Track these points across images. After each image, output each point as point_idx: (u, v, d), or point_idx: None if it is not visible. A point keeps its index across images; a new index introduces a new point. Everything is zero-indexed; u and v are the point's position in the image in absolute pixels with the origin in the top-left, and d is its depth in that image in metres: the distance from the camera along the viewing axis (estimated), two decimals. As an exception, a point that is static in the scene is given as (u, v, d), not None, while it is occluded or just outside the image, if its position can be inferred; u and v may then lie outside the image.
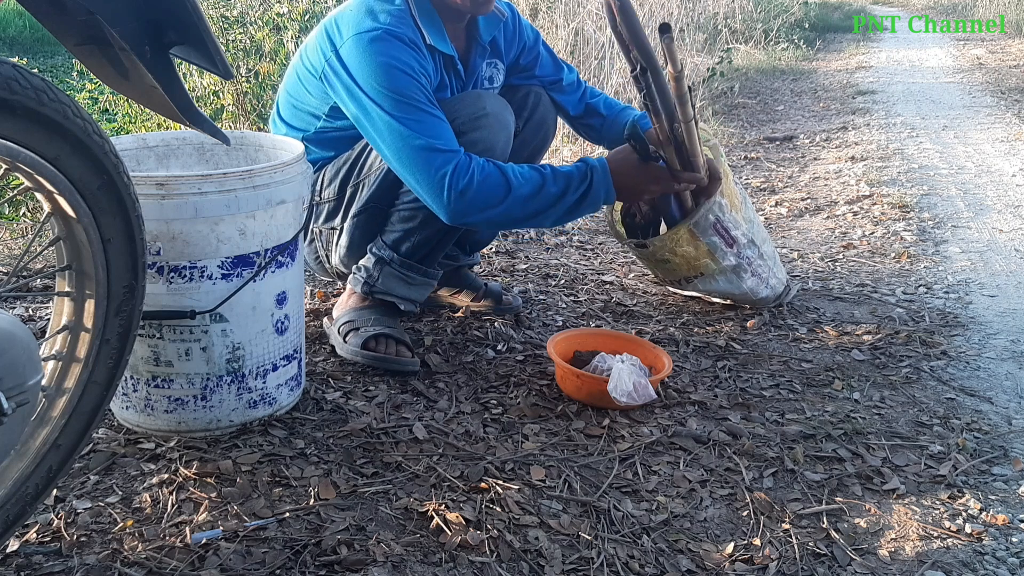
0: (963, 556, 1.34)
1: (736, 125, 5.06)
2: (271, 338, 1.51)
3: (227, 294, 1.41)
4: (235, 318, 1.44)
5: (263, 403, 1.53)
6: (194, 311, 1.39)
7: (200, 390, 1.46)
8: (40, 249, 1.46)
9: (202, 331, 1.42)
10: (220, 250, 1.39)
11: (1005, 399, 1.83)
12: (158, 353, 1.43)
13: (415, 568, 1.21)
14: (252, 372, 1.50)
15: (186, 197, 1.32)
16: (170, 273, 1.38)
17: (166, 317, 1.39)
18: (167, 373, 1.44)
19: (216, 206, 1.35)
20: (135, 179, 1.26)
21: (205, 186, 1.33)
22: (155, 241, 1.34)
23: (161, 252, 1.36)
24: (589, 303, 2.27)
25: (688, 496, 1.46)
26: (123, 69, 1.09)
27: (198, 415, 1.48)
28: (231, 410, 1.50)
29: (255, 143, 1.69)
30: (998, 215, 3.20)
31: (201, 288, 1.40)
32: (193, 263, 1.38)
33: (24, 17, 9.19)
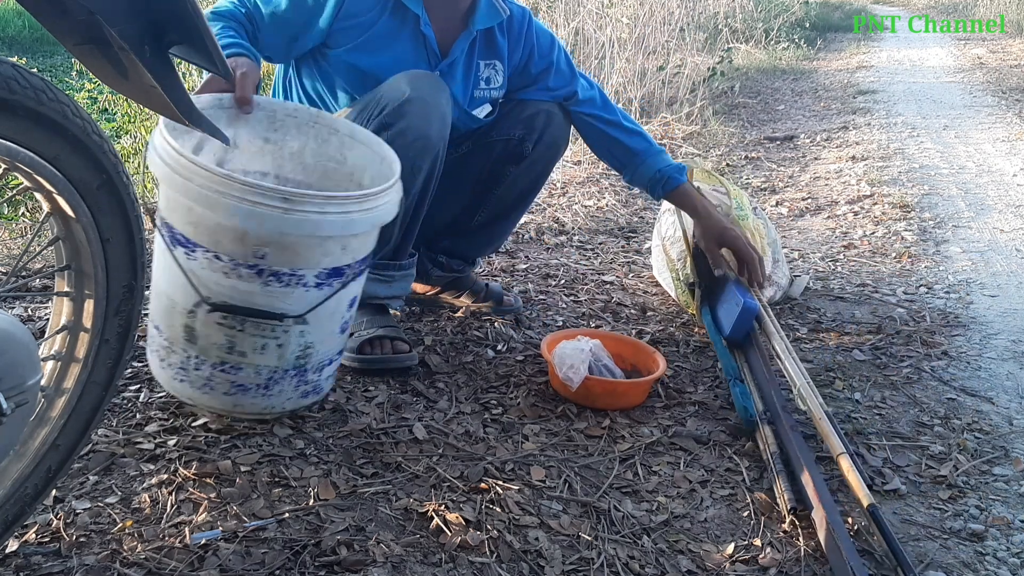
0: (964, 556, 1.33)
1: (737, 125, 5.06)
2: (336, 337, 1.54)
3: (317, 302, 1.42)
4: (315, 321, 1.45)
5: (313, 393, 1.56)
6: (284, 315, 1.40)
7: (265, 380, 1.47)
8: (39, 249, 1.46)
9: (283, 331, 1.43)
10: (321, 262, 1.40)
11: (1006, 399, 1.83)
12: (234, 343, 1.43)
13: (415, 568, 1.21)
14: (313, 367, 1.51)
15: (308, 214, 1.32)
16: (269, 276, 1.37)
17: (257, 316, 1.40)
18: (237, 361, 1.45)
19: (333, 226, 1.36)
20: (263, 191, 1.29)
21: (328, 207, 1.34)
22: (263, 246, 1.34)
23: (266, 257, 1.35)
24: (589, 303, 2.27)
25: (688, 496, 1.46)
26: (122, 69, 1.08)
27: (256, 401, 1.49)
28: (286, 399, 1.52)
29: (329, 126, 1.65)
30: (999, 215, 3.19)
31: (294, 294, 1.40)
32: (293, 271, 1.38)
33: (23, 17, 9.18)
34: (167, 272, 1.43)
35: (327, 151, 1.65)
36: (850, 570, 1.21)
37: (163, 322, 1.46)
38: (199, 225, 1.35)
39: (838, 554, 1.25)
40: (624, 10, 5.13)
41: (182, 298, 1.40)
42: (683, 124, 4.78)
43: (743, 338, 1.91)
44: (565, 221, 3.00)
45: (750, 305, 1.88)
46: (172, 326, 1.44)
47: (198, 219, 1.34)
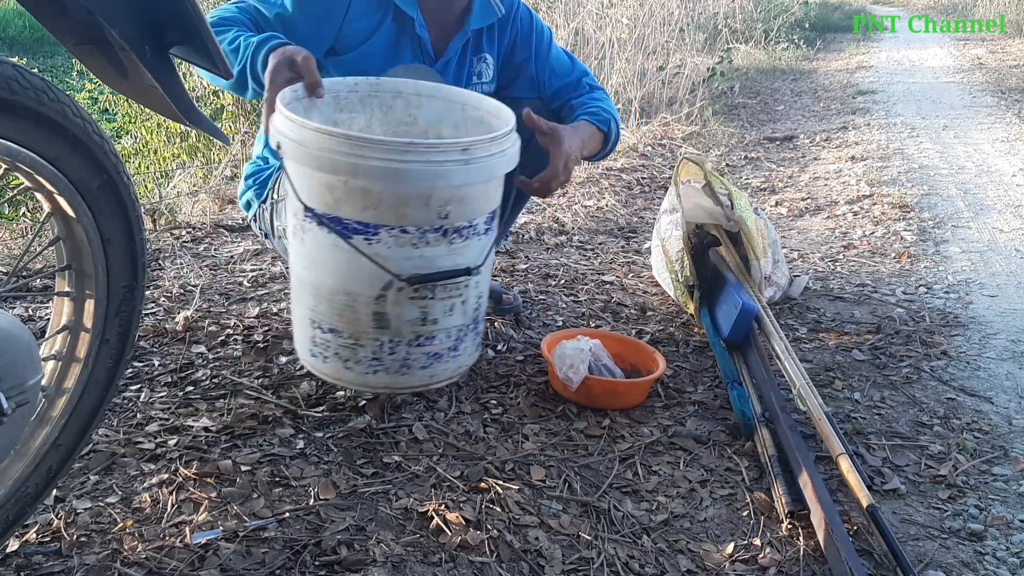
0: (963, 556, 1.34)
1: (736, 125, 5.06)
2: (490, 281, 1.56)
3: (487, 248, 1.45)
4: (485, 269, 1.47)
5: (480, 344, 1.59)
6: (468, 268, 1.41)
7: (454, 342, 1.49)
8: (40, 249, 1.46)
9: (465, 286, 1.44)
10: (486, 207, 1.42)
11: (1005, 399, 1.83)
12: (427, 313, 1.43)
13: (415, 568, 1.21)
14: (481, 316, 1.54)
15: (483, 161, 1.33)
16: (452, 234, 1.38)
17: (448, 277, 1.40)
18: (431, 331, 1.45)
19: (499, 166, 1.37)
20: (443, 147, 1.29)
21: (493, 147, 1.35)
22: (447, 205, 1.34)
23: (449, 215, 1.36)
24: (589, 303, 2.27)
25: (688, 496, 1.46)
26: (123, 69, 1.08)
27: (447, 365, 1.50)
28: (468, 355, 1.54)
29: (392, 90, 1.63)
30: (998, 215, 3.20)
31: (472, 245, 1.42)
32: (470, 222, 1.40)
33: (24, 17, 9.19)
34: (341, 267, 1.39)
35: (394, 116, 1.64)
36: (849, 570, 1.21)
37: (343, 322, 1.43)
38: (379, 205, 1.32)
39: (837, 554, 1.25)
40: (624, 10, 5.13)
41: (367, 287, 1.38)
42: (683, 124, 4.79)
43: (742, 339, 1.91)
44: (565, 221, 3.00)
45: (749, 307, 1.88)
46: (356, 320, 1.42)
47: (378, 199, 1.32)
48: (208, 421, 1.54)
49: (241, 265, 2.40)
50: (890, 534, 1.28)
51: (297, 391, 1.68)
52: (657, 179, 3.77)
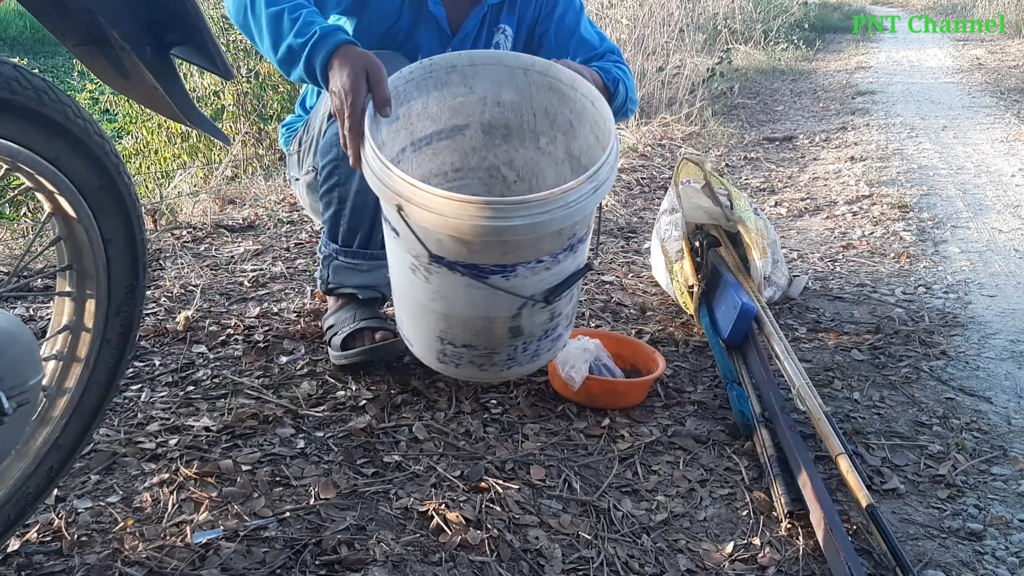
0: (962, 555, 1.34)
1: (736, 125, 5.07)
2: None
3: (584, 244, 1.50)
4: None
5: None
6: (589, 264, 1.50)
7: (567, 322, 1.58)
8: (41, 249, 1.46)
9: None
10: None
11: (1004, 399, 1.83)
12: (554, 313, 1.51)
13: (415, 568, 1.21)
14: None
15: (606, 181, 1.36)
16: (577, 245, 1.44)
17: (575, 280, 1.47)
18: (556, 323, 1.54)
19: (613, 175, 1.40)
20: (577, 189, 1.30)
21: (612, 160, 1.38)
22: (575, 229, 1.40)
23: (575, 234, 1.41)
24: (589, 303, 2.27)
25: (688, 496, 1.46)
26: (123, 69, 1.09)
27: (566, 334, 1.62)
28: (575, 315, 1.64)
29: (444, 66, 1.59)
30: (997, 215, 3.20)
31: (585, 244, 1.48)
32: (586, 227, 1.46)
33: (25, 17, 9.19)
34: (477, 301, 1.42)
35: (449, 91, 1.61)
36: (848, 570, 1.22)
37: (478, 339, 1.48)
38: (516, 249, 1.34)
39: (836, 554, 1.25)
40: (624, 11, 5.13)
41: (504, 311, 1.43)
42: (682, 125, 4.79)
43: (741, 339, 1.92)
44: (565, 221, 3.00)
45: (748, 307, 1.89)
46: (492, 336, 1.48)
47: (515, 246, 1.33)
48: (209, 421, 1.55)
49: (242, 265, 2.40)
50: (890, 534, 1.29)
51: (297, 391, 1.68)
52: (657, 179, 3.77)
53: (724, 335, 1.94)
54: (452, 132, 1.64)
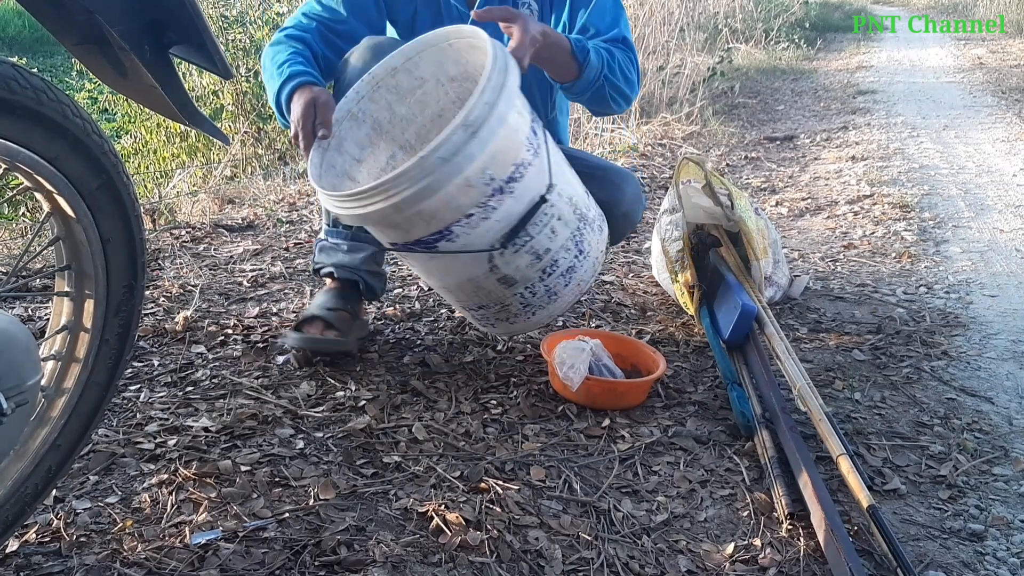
0: (964, 556, 1.33)
1: (736, 125, 5.06)
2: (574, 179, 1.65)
3: (544, 167, 1.50)
4: (558, 182, 1.52)
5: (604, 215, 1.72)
6: (542, 195, 1.48)
7: (576, 249, 1.57)
8: (39, 249, 1.46)
9: (550, 206, 1.50)
10: (518, 140, 1.46)
11: (1006, 399, 1.83)
12: (536, 250, 1.52)
13: (415, 568, 1.21)
14: (586, 209, 1.62)
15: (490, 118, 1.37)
16: (508, 184, 1.43)
17: (530, 215, 1.47)
18: (551, 259, 1.55)
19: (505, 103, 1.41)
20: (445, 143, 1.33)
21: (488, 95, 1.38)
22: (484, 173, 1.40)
23: (493, 177, 1.41)
24: (589, 303, 2.27)
25: (688, 496, 1.46)
26: (122, 69, 1.08)
27: (586, 263, 1.61)
28: (598, 240, 1.64)
29: (388, 69, 1.66)
30: (999, 215, 3.20)
31: (528, 178, 1.47)
32: (515, 164, 1.45)
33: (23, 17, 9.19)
34: (448, 268, 1.55)
35: (406, 90, 1.67)
36: (849, 571, 1.21)
37: (481, 299, 1.58)
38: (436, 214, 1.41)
39: (837, 555, 1.25)
40: (624, 10, 5.13)
41: (477, 268, 1.51)
42: (683, 124, 4.79)
43: (742, 340, 1.91)
44: (565, 221, 3.00)
45: (748, 308, 1.88)
46: (489, 292, 1.55)
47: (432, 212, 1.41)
48: (208, 421, 1.54)
49: (241, 265, 2.40)
50: (891, 534, 1.28)
51: (297, 391, 1.68)
52: (657, 179, 3.77)
53: (725, 335, 1.93)
54: (435, 121, 1.68)
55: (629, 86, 1.78)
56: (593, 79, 1.69)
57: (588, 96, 1.74)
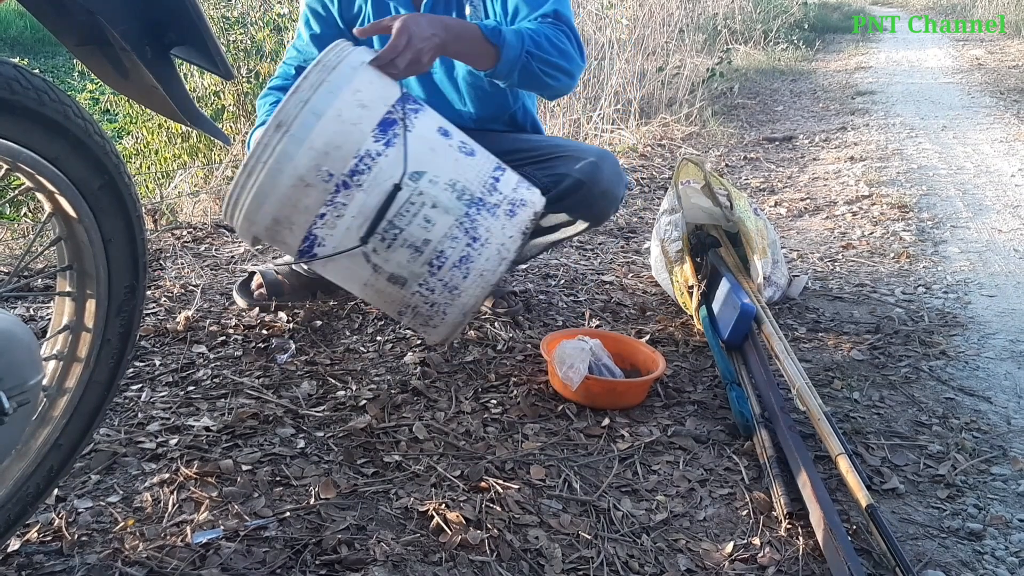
0: (962, 555, 1.34)
1: (736, 125, 5.07)
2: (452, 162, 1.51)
3: (399, 156, 1.43)
4: (425, 168, 1.45)
5: (518, 204, 1.53)
6: (396, 184, 1.41)
7: (467, 237, 1.46)
8: (41, 249, 1.46)
9: (418, 194, 1.43)
10: (359, 131, 1.42)
11: (1004, 399, 1.84)
12: (413, 242, 1.44)
13: (415, 567, 1.22)
14: (475, 192, 1.49)
15: (303, 114, 1.38)
16: (355, 177, 1.40)
17: (388, 205, 1.41)
18: (434, 249, 1.46)
19: (328, 96, 1.43)
20: (259, 147, 1.34)
21: (304, 91, 1.41)
22: (319, 169, 1.39)
23: (332, 173, 1.40)
24: (589, 303, 2.27)
25: (688, 496, 1.46)
26: (123, 69, 1.09)
27: (487, 250, 1.48)
28: (503, 224, 1.49)
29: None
30: (997, 215, 3.20)
31: (380, 167, 1.42)
32: (356, 155, 1.42)
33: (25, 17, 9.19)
34: (333, 274, 1.55)
35: None
36: (848, 570, 1.22)
37: (383, 301, 1.53)
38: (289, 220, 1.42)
39: (836, 554, 1.25)
40: (624, 11, 5.13)
41: (359, 269, 1.48)
42: (682, 125, 4.79)
43: (741, 341, 1.92)
44: (565, 222, 3.00)
45: (748, 309, 1.89)
46: (385, 294, 1.51)
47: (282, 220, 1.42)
48: (209, 421, 1.55)
49: (242, 265, 2.40)
50: (890, 533, 1.29)
51: (298, 391, 1.68)
52: (657, 179, 3.77)
53: (724, 336, 1.94)
54: None
55: (566, 58, 1.74)
56: (515, 58, 1.66)
57: (519, 77, 1.71)
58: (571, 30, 1.77)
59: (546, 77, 1.72)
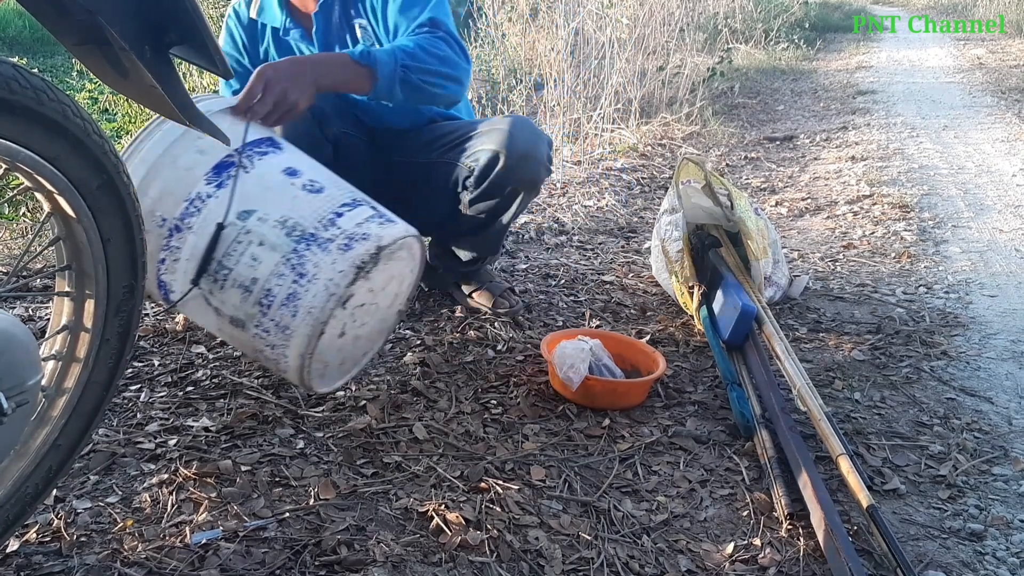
0: (963, 556, 1.34)
1: (736, 125, 5.06)
2: (288, 198, 1.48)
3: (224, 201, 1.43)
4: (252, 209, 1.44)
5: (358, 239, 1.46)
6: (219, 224, 1.40)
7: (294, 273, 1.40)
8: (40, 249, 1.46)
9: (245, 233, 1.42)
10: (190, 179, 1.46)
11: (1005, 399, 1.83)
12: (241, 282, 1.42)
13: (415, 568, 1.21)
14: (307, 228, 1.44)
15: None
16: (184, 221, 1.43)
17: (213, 247, 1.40)
18: (263, 287, 1.41)
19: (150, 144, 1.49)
20: None
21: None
22: (152, 216, 1.43)
23: (164, 219, 1.44)
24: (589, 303, 2.27)
25: (688, 496, 1.46)
26: (123, 69, 1.08)
27: (315, 286, 1.40)
28: (331, 267, 1.42)
29: None
30: (998, 215, 3.20)
31: (207, 210, 1.44)
32: (187, 199, 1.45)
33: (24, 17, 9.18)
34: (188, 314, 1.60)
35: None
36: (849, 571, 1.21)
37: (235, 342, 1.53)
38: None
39: (837, 554, 1.25)
40: (624, 10, 5.12)
41: (202, 312, 1.48)
42: (683, 124, 4.79)
43: (742, 341, 1.91)
44: (565, 221, 3.00)
45: (748, 309, 1.88)
46: (231, 334, 1.49)
47: None
48: (208, 421, 1.54)
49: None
50: (890, 534, 1.28)
51: (297, 391, 1.68)
52: (657, 179, 3.77)
53: (724, 336, 1.93)
54: None
55: (447, 64, 1.74)
56: (391, 74, 1.68)
57: (403, 92, 1.72)
58: (449, 35, 1.78)
59: (430, 87, 1.74)
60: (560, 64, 4.28)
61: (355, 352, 1.59)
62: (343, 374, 1.59)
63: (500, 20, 5.21)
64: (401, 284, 1.60)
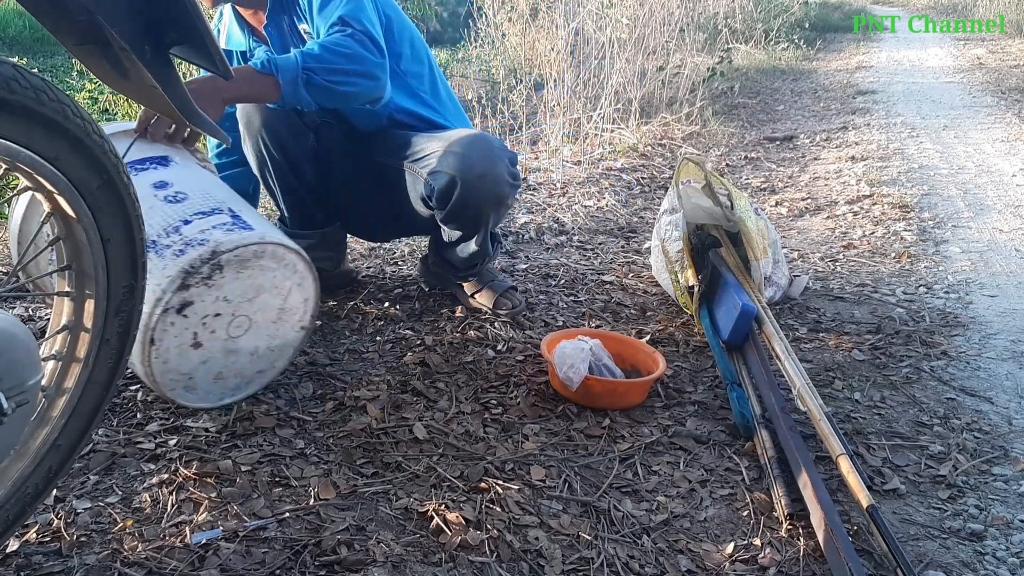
0: (963, 556, 1.34)
1: (736, 125, 5.06)
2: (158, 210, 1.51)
3: None
4: None
5: (193, 244, 1.46)
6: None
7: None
8: (40, 249, 1.46)
9: None
10: None
11: (1005, 399, 1.83)
12: None
13: (415, 568, 1.21)
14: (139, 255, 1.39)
15: None
16: None
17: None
18: None
19: None
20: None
21: None
22: None
23: None
24: (589, 303, 2.27)
25: (688, 496, 1.46)
26: (123, 69, 1.08)
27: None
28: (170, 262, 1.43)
29: None
30: (998, 215, 3.20)
31: None
32: None
33: (24, 17, 9.18)
34: None
35: None
36: (849, 571, 1.21)
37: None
38: None
39: (837, 554, 1.25)
40: (624, 10, 5.12)
41: None
42: (683, 124, 4.79)
43: (742, 341, 1.91)
44: (565, 221, 3.00)
45: (748, 309, 1.88)
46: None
47: None
48: (208, 421, 1.54)
49: (241, 265, 2.39)
50: (890, 534, 1.28)
51: (297, 391, 1.68)
52: (657, 179, 3.77)
53: (724, 336, 1.93)
54: None
55: (354, 61, 1.72)
56: (293, 79, 1.68)
57: (313, 95, 1.72)
58: (360, 31, 1.75)
59: (339, 86, 1.72)
60: (560, 64, 4.28)
61: (243, 368, 1.56)
62: (231, 390, 1.57)
63: (500, 20, 5.21)
64: (286, 299, 1.57)
